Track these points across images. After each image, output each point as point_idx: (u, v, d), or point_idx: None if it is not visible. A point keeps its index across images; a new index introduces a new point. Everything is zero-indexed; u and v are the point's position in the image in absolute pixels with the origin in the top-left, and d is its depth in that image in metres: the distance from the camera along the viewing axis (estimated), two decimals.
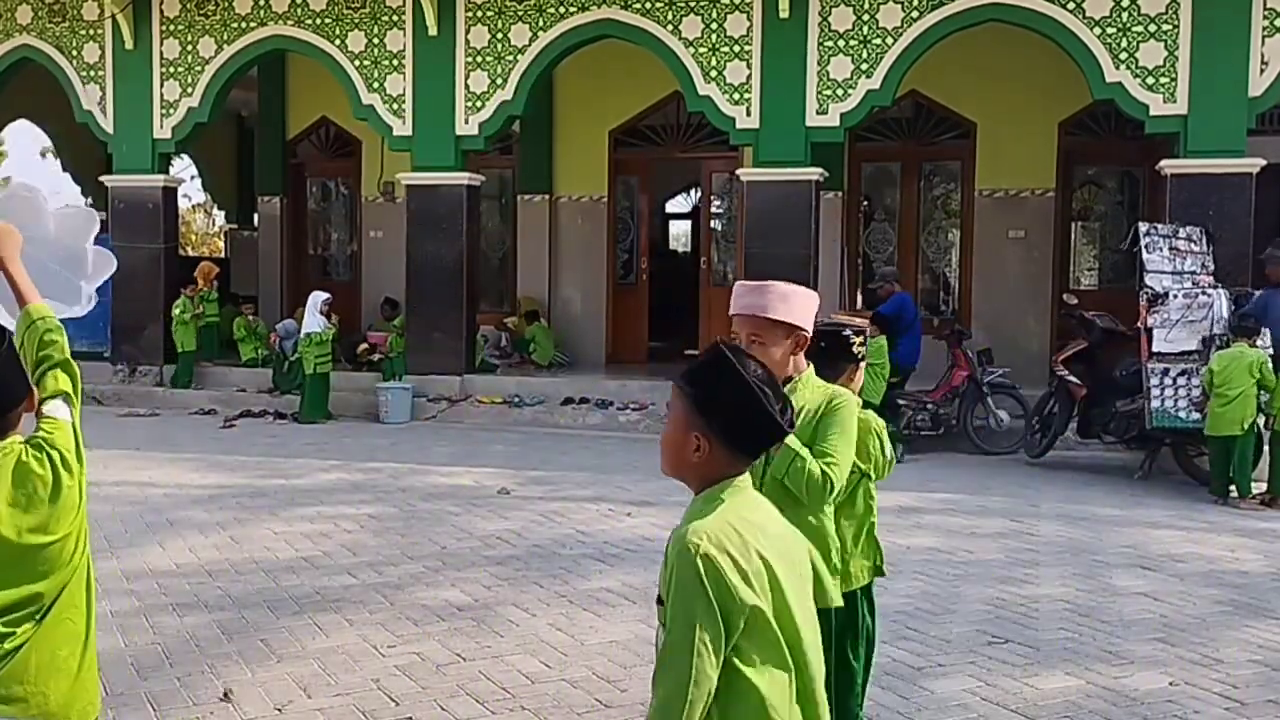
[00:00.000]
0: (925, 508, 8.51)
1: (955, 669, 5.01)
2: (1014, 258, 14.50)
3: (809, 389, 3.35)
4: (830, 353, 3.79)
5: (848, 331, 3.81)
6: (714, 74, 12.42)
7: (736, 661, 2.11)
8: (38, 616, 2.47)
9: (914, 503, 8.62)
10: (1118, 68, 11.26)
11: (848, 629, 3.75)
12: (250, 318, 15.37)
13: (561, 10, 12.85)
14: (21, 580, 2.43)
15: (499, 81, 13.10)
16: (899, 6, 11.86)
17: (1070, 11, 11.32)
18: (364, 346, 14.63)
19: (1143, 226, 10.37)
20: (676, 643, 2.07)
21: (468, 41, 13.19)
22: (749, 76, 12.33)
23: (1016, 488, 9.50)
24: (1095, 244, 15.54)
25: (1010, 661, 5.10)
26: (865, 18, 11.97)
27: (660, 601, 2.15)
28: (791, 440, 3.18)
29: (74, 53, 14.55)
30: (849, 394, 3.40)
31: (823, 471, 3.18)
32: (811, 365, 3.44)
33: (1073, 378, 10.46)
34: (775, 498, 3.21)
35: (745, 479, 2.24)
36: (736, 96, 12.37)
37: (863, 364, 3.91)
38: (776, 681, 2.14)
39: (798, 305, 3.28)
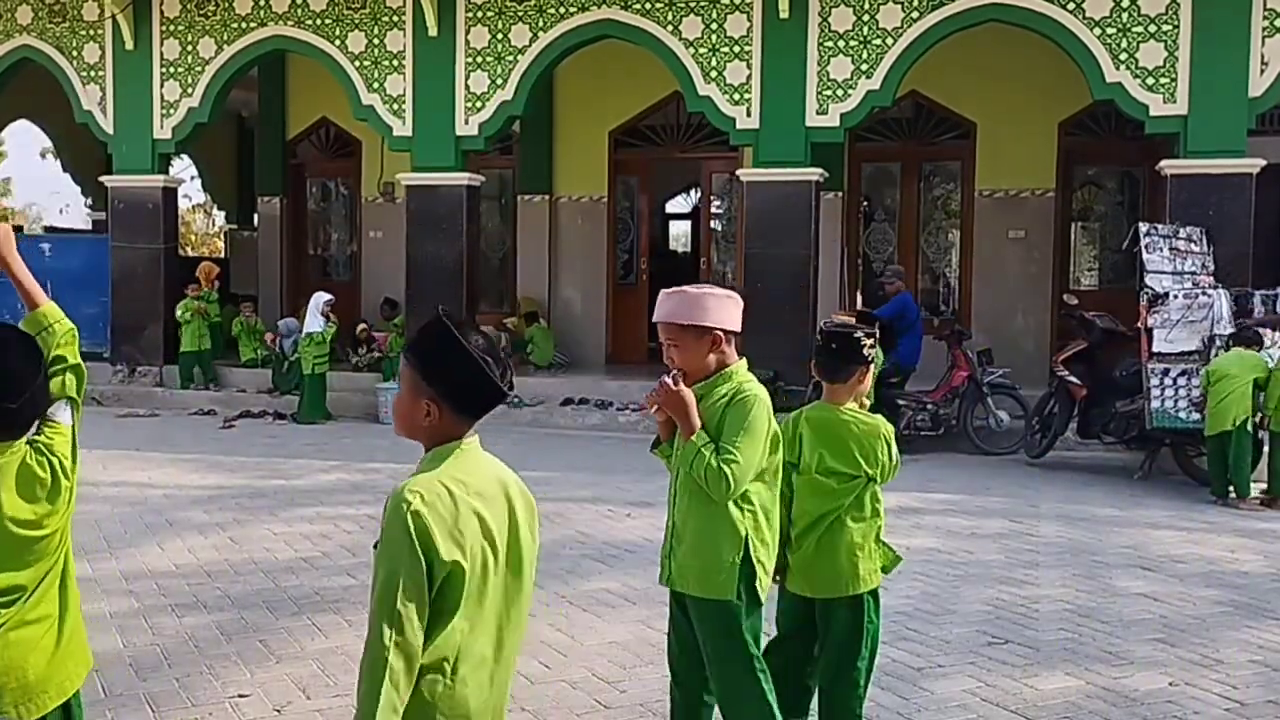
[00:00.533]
0: (925, 508, 8.50)
1: (955, 669, 5.00)
2: (1014, 258, 14.50)
3: (729, 382, 3.40)
4: (840, 354, 3.79)
5: (858, 333, 3.81)
6: (714, 74, 12.42)
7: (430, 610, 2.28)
8: (21, 601, 2.62)
9: (914, 503, 8.61)
10: (1118, 68, 11.25)
11: (854, 631, 3.76)
12: (248, 317, 15.35)
13: (561, 11, 12.85)
14: (10, 568, 2.58)
15: (499, 82, 13.09)
16: (899, 7, 11.86)
17: (1070, 12, 11.32)
18: (362, 327, 14.63)
19: (1143, 227, 10.38)
20: (384, 594, 2.23)
21: (468, 42, 13.19)
22: (749, 77, 12.33)
23: (1016, 488, 9.49)
24: (1095, 244, 15.53)
25: (1010, 662, 5.10)
26: (865, 18, 11.96)
27: (376, 546, 2.31)
28: (697, 435, 3.30)
29: (74, 53, 14.55)
30: (754, 387, 3.40)
31: (719, 466, 3.23)
32: (744, 360, 3.49)
33: (1073, 378, 10.46)
34: (690, 488, 3.36)
35: (471, 441, 2.43)
36: (736, 97, 12.37)
37: (872, 366, 3.90)
38: (461, 628, 2.31)
39: (712, 308, 3.39)
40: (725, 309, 3.42)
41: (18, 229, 29.10)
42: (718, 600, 3.37)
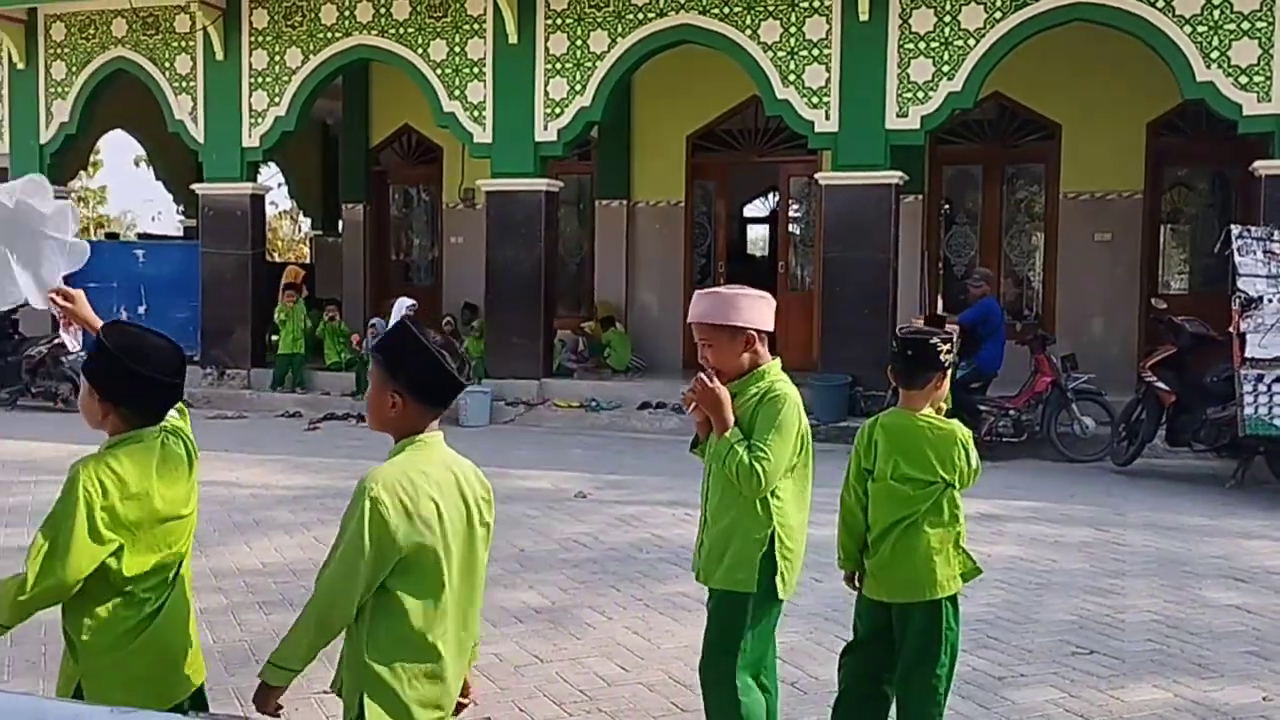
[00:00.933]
0: (1008, 515, 8.37)
1: (1038, 679, 4.92)
2: (1100, 261, 14.21)
3: (761, 381, 3.45)
4: (916, 361, 3.78)
5: (935, 340, 3.79)
6: (793, 77, 12.36)
7: (396, 591, 2.59)
8: (170, 581, 2.84)
9: (996, 510, 8.48)
10: (1209, 66, 10.97)
11: (931, 637, 3.73)
12: (332, 320, 15.62)
13: (640, 17, 12.90)
14: (157, 549, 2.78)
15: (578, 88, 13.19)
16: (981, 7, 11.70)
17: (1159, 10, 11.07)
18: (448, 320, 14.75)
19: (1235, 229, 10.08)
20: (334, 567, 2.58)
21: (547, 49, 13.30)
22: (828, 80, 12.25)
23: (1102, 496, 9.30)
24: (1185, 247, 15.16)
25: (1095, 673, 5.00)
26: (947, 19, 11.83)
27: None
28: (730, 431, 3.37)
29: (166, 64, 14.97)
30: (785, 386, 3.45)
31: (750, 463, 3.30)
32: (777, 359, 3.54)
33: (1161, 384, 10.21)
34: (722, 484, 3.43)
35: (434, 436, 2.72)
36: (815, 100, 12.31)
37: (949, 372, 3.87)
38: (426, 608, 2.61)
39: (745, 309, 3.45)
40: (758, 309, 3.48)
41: (113, 235, 30.03)
42: (736, 593, 3.43)
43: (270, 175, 21.45)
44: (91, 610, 2.71)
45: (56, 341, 13.71)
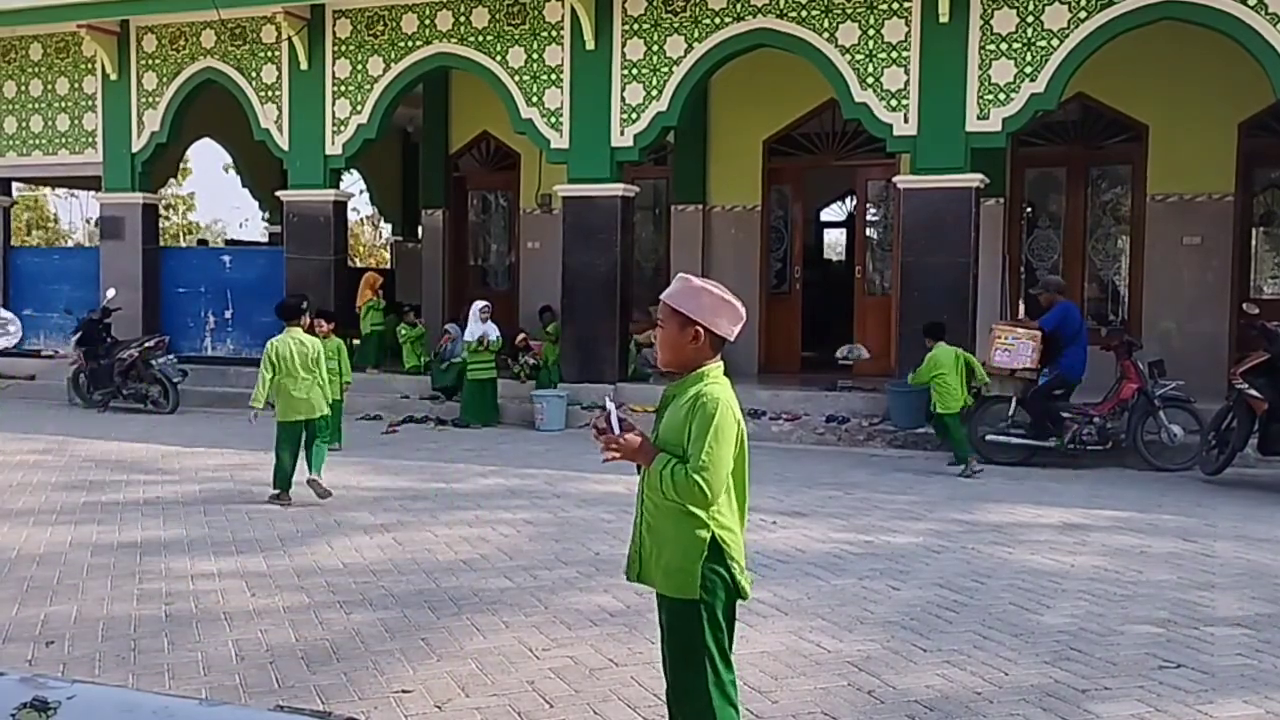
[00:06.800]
0: (1092, 525, 8.20)
1: (1122, 692, 4.81)
2: (1189, 265, 13.86)
3: (699, 383, 3.39)
4: None
5: None
6: (871, 80, 12.26)
7: None
8: None
9: (1080, 519, 8.31)
10: None
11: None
12: (412, 323, 15.84)
13: (716, 21, 12.89)
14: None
15: (654, 93, 13.22)
16: (1065, 7, 11.49)
17: (1250, 8, 10.77)
18: (521, 337, 14.86)
19: None
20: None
21: (624, 54, 13.35)
22: (907, 82, 12.13)
23: (1190, 506, 9.06)
24: (1278, 250, 14.71)
25: (1182, 687, 4.87)
26: (1029, 19, 11.64)
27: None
28: (657, 460, 3.34)
29: (253, 74, 15.31)
30: (715, 389, 3.36)
31: (689, 478, 3.24)
32: (721, 363, 3.47)
33: (1253, 391, 9.92)
34: (661, 505, 3.40)
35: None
36: (894, 103, 12.19)
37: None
38: None
39: (706, 305, 3.40)
40: (718, 310, 3.40)
41: (202, 242, 30.81)
42: (685, 600, 3.35)
43: (352, 182, 21.88)
44: None
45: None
